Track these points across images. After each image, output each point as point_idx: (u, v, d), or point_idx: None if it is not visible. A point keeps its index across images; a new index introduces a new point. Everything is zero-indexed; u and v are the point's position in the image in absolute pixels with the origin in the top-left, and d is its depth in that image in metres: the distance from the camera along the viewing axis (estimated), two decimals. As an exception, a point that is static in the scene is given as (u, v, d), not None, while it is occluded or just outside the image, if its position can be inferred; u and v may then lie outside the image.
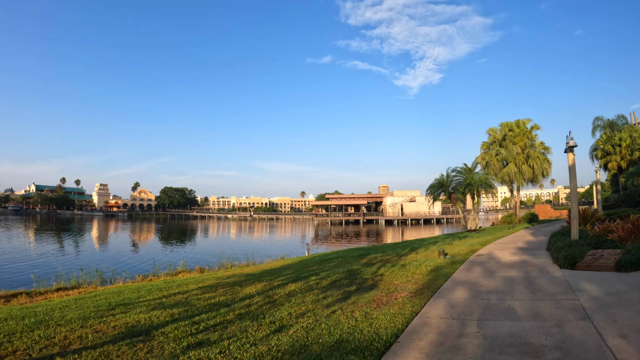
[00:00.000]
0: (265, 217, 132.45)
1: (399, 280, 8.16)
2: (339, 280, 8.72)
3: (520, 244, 13.38)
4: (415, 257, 11.75)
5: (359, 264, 11.55)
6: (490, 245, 13.57)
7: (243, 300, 7.17)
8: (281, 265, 14.86)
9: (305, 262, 14.71)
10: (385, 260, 11.97)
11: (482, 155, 34.70)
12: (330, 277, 9.16)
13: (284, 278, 10.07)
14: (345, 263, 12.25)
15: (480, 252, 11.77)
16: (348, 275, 9.35)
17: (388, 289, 7.38)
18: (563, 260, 8.32)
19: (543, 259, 9.69)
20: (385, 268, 9.89)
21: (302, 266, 13.02)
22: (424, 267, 9.40)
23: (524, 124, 33.39)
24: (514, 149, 31.55)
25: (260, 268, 14.98)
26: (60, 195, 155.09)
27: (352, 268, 10.49)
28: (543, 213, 38.39)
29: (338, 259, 13.75)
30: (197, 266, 19.01)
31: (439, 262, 10.04)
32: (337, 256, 15.54)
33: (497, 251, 11.81)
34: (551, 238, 12.06)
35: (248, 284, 9.41)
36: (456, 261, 10.14)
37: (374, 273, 9.33)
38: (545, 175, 32.11)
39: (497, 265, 9.16)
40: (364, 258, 13.16)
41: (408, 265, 10.10)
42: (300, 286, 8.22)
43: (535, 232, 18.16)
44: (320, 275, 9.72)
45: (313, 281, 8.85)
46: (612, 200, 39.06)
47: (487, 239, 15.83)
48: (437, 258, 11.02)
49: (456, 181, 25.96)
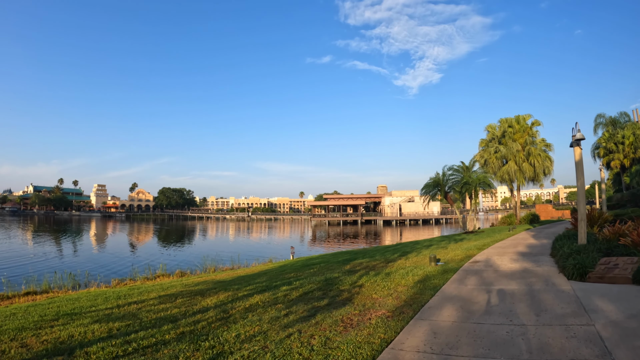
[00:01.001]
0: (263, 217, 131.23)
1: (379, 293, 7.01)
2: (311, 292, 7.60)
3: (521, 248, 12.20)
4: (404, 264, 10.58)
5: (341, 271, 10.40)
6: (488, 250, 12.39)
7: (195, 315, 6.26)
8: (259, 271, 13.84)
9: (284, 267, 13.61)
10: (370, 266, 10.80)
11: (481, 152, 33.25)
12: (304, 287, 8.06)
13: (252, 287, 9.03)
14: (327, 270, 11.11)
15: (477, 258, 10.59)
16: (324, 285, 8.24)
17: (364, 304, 6.24)
18: (571, 269, 7.15)
19: (547, 267, 8.51)
20: (368, 277, 8.74)
21: (280, 273, 11.95)
22: (411, 277, 8.24)
23: (524, 119, 31.91)
24: (514, 146, 30.07)
25: (235, 274, 13.89)
26: (57, 196, 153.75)
27: (331, 276, 9.38)
28: (544, 213, 37.16)
29: (320, 265, 12.64)
30: (178, 270, 17.99)
31: (429, 271, 8.86)
32: (321, 261, 14.42)
33: (496, 257, 10.63)
34: (555, 242, 10.88)
35: (212, 294, 8.43)
36: (449, 269, 8.97)
37: (353, 283, 8.18)
38: (547, 173, 30.66)
39: (494, 275, 7.98)
40: (348, 264, 12.02)
41: (394, 273, 8.93)
42: (265, 298, 7.23)
43: (537, 235, 16.98)
44: (293, 284, 8.64)
45: (282, 292, 7.75)
46: (615, 199, 37.89)
47: (485, 242, 14.64)
48: (428, 265, 9.84)
49: (453, 180, 24.69)
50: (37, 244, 40.50)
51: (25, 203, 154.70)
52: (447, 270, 8.80)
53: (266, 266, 16.68)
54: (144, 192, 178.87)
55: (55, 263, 25.39)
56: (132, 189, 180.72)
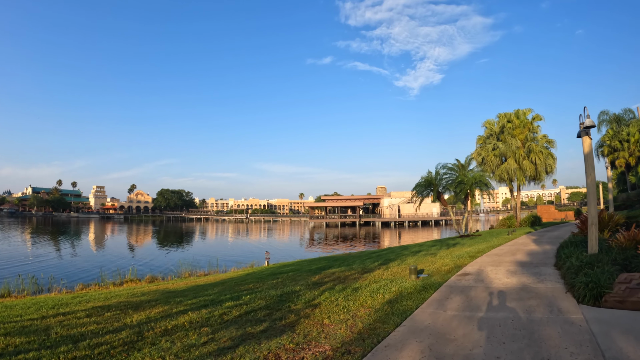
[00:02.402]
0: (262, 219, 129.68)
1: (334, 317, 5.53)
2: (254, 311, 6.18)
3: (521, 256, 10.59)
4: (381, 276, 8.99)
5: (306, 283, 8.90)
6: (482, 258, 10.79)
7: (106, 335, 5.26)
8: (220, 280, 12.40)
9: (249, 276, 12.19)
10: (341, 278, 9.24)
11: (478, 150, 31.35)
12: (250, 304, 6.69)
13: (195, 301, 7.61)
14: (291, 280, 9.63)
15: (468, 269, 8.99)
16: (275, 302, 6.80)
17: (307, 334, 4.81)
18: (583, 290, 5.56)
19: (551, 283, 6.91)
20: (331, 293, 7.20)
21: (240, 282, 10.48)
22: (381, 295, 6.70)
23: (525, 114, 29.78)
24: (514, 143, 27.98)
25: (195, 282, 12.51)
26: (56, 198, 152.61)
27: (290, 290, 7.92)
28: (546, 215, 35.40)
29: (289, 274, 11.16)
30: (149, 275, 17.15)
31: (406, 286, 7.28)
32: (292, 269, 12.98)
33: (490, 267, 9.03)
34: (561, 250, 9.27)
35: (146, 308, 7.27)
36: (430, 285, 7.37)
37: (309, 301, 6.70)
38: (550, 172, 28.53)
39: (485, 295, 6.38)
40: (319, 273, 10.50)
41: (363, 289, 7.37)
42: (197, 317, 5.98)
43: (538, 239, 15.35)
44: (240, 300, 7.21)
45: (222, 310, 6.38)
46: (621, 199, 36.22)
47: (480, 248, 13.03)
48: (407, 278, 8.25)
49: (447, 179, 23.06)
50: (23, 245, 39.47)
51: (24, 204, 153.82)
52: (427, 287, 7.21)
53: (235, 273, 15.34)
54: (142, 194, 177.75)
55: (32, 266, 24.46)
56: (131, 191, 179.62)
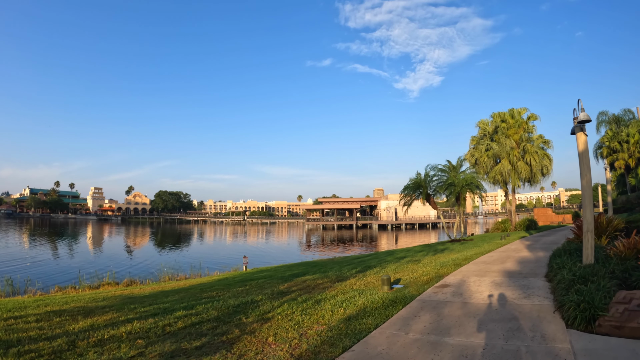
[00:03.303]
0: (259, 221, 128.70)
1: (281, 335, 4.79)
2: (201, 324, 5.55)
3: (510, 265, 9.70)
4: (352, 285, 8.13)
5: (272, 291, 8.13)
6: (468, 266, 9.89)
7: (38, 342, 4.81)
8: (189, 285, 11.61)
9: (217, 283, 11.40)
10: (311, 286, 8.44)
11: (471, 151, 30.15)
12: (201, 315, 6.09)
13: (148, 309, 7.00)
14: (258, 288, 8.85)
15: (449, 280, 8.10)
16: (229, 313, 6.19)
17: (240, 355, 4.18)
18: (573, 310, 4.67)
19: (539, 299, 6.01)
20: (291, 305, 6.45)
21: (204, 289, 9.72)
22: (342, 310, 5.89)
23: (519, 114, 28.63)
24: (508, 143, 26.74)
25: (161, 288, 11.77)
26: (53, 199, 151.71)
27: (251, 299, 7.22)
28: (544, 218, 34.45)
29: (259, 281, 10.38)
30: (127, 278, 16.80)
31: (374, 299, 6.42)
32: (265, 275, 12.18)
33: (474, 278, 8.14)
34: (553, 259, 8.37)
35: (98, 314, 6.68)
36: (402, 298, 6.49)
37: (264, 314, 6.00)
38: (546, 173, 27.44)
39: (460, 313, 5.48)
40: (289, 281, 9.74)
41: (326, 302, 6.56)
42: (140, 327, 5.45)
43: (532, 245, 14.45)
44: (193, 309, 6.57)
45: (170, 319, 5.84)
46: (620, 202, 35.31)
47: (468, 255, 12.13)
48: (379, 289, 7.38)
49: (437, 181, 22.09)
50: (13, 247, 39.33)
51: (22, 205, 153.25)
52: (398, 300, 6.33)
53: (210, 278, 14.60)
54: (140, 195, 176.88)
55: (16, 267, 24.40)
56: (129, 192, 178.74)
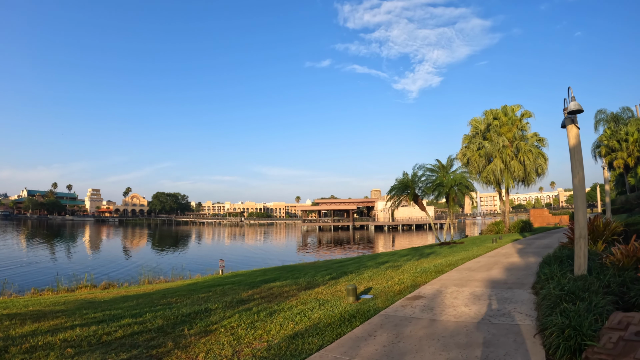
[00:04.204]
0: (257, 222, 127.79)
1: (214, 352, 4.37)
2: (140, 334, 5.15)
3: (496, 272, 8.80)
4: (318, 295, 7.30)
5: (232, 299, 7.57)
6: (450, 273, 8.99)
7: None
8: (155, 290, 11.27)
9: (185, 287, 10.99)
10: (274, 294, 7.76)
11: (463, 150, 29.01)
12: (146, 324, 5.69)
13: (98, 315, 6.73)
14: (220, 295, 8.37)
15: (424, 290, 7.20)
16: (176, 322, 5.75)
17: None
18: (556, 337, 3.75)
19: (521, 317, 5.10)
20: (241, 316, 6.00)
21: (167, 294, 9.43)
22: (293, 324, 5.23)
23: (513, 111, 27.42)
24: (500, 141, 25.52)
25: (125, 292, 11.48)
26: (51, 200, 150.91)
27: (205, 308, 6.71)
28: (540, 219, 33.48)
29: (227, 286, 9.91)
30: (105, 281, 16.54)
31: (333, 313, 5.59)
32: (235, 280, 11.57)
33: (453, 288, 7.25)
34: (542, 268, 7.47)
35: (48, 319, 6.54)
36: (364, 312, 5.59)
37: (209, 325, 5.49)
38: (541, 173, 26.32)
39: (423, 334, 4.58)
40: (257, 287, 9.20)
41: (281, 313, 5.95)
42: (79, 334, 5.21)
43: (524, 249, 13.54)
44: (141, 317, 6.23)
45: (112, 327, 5.50)
46: (620, 202, 34.40)
47: (452, 260, 11.22)
48: (344, 299, 6.54)
49: (425, 181, 21.19)
50: (3, 248, 39.44)
51: (19, 207, 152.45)
52: (358, 315, 5.47)
53: (182, 282, 14.20)
54: (138, 197, 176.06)
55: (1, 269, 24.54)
56: (126, 194, 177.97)
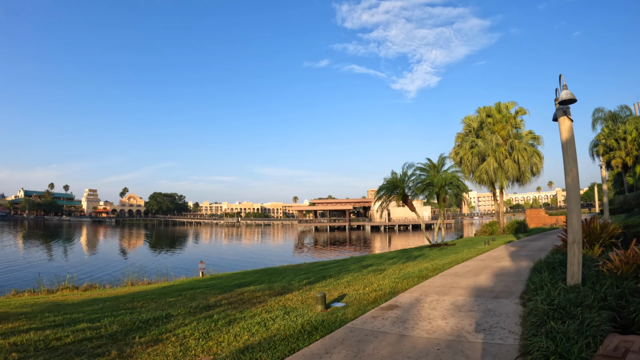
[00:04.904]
0: (253, 223, 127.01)
1: None
2: (90, 340, 4.86)
3: (483, 278, 8.09)
4: (287, 301, 6.78)
5: (198, 304, 7.32)
6: (433, 279, 8.28)
7: None
8: (126, 293, 11.09)
9: (158, 290, 10.73)
10: (243, 300, 7.35)
11: (455, 149, 28.21)
12: (99, 330, 5.39)
13: (59, 319, 6.49)
14: (189, 299, 8.14)
15: (401, 299, 6.48)
16: (129, 330, 5.40)
17: None
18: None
19: (502, 333, 4.37)
20: (201, 323, 5.52)
21: (137, 297, 9.14)
22: (249, 334, 4.79)
23: (507, 108, 26.64)
24: (494, 139, 24.76)
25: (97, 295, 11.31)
26: (48, 201, 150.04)
27: (167, 314, 6.45)
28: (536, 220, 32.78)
29: (199, 290, 9.69)
30: (86, 283, 16.32)
31: (294, 324, 4.96)
32: (209, 284, 11.19)
33: (433, 297, 6.54)
34: (532, 275, 6.77)
35: (10, 321, 6.39)
36: (329, 323, 4.92)
37: (162, 334, 5.11)
38: (536, 172, 25.53)
39: (386, 353, 3.88)
40: (229, 292, 8.75)
41: (242, 322, 5.42)
42: (29, 338, 4.90)
43: (517, 251, 12.84)
44: (100, 322, 5.92)
45: (66, 332, 5.28)
46: (618, 202, 33.78)
47: (439, 264, 10.51)
48: (313, 308, 5.92)
49: (415, 181, 20.45)
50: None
51: (16, 208, 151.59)
52: (322, 326, 4.86)
53: (158, 285, 13.97)
54: (135, 197, 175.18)
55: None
56: (123, 194, 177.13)
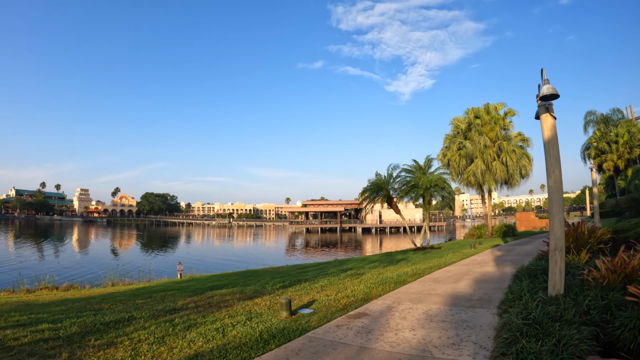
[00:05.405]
0: (245, 224, 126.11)
1: None
2: (46, 341, 4.65)
3: (463, 285, 7.52)
4: (255, 305, 6.43)
5: (164, 307, 7.11)
6: (410, 285, 7.71)
7: None
8: (99, 294, 10.99)
9: (132, 291, 10.53)
10: (211, 304, 7.07)
11: (443, 150, 27.79)
12: (59, 331, 5.15)
13: (24, 319, 6.32)
14: (158, 302, 7.97)
15: (372, 306, 5.89)
16: (88, 331, 5.27)
17: None
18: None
19: (471, 349, 3.76)
20: (160, 327, 5.29)
21: (107, 298, 9.06)
22: (203, 341, 4.60)
23: (496, 109, 26.22)
24: (482, 141, 24.30)
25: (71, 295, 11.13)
26: (39, 200, 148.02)
27: (129, 316, 6.23)
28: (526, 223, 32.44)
29: (170, 292, 9.57)
30: (66, 283, 16.13)
31: (252, 331, 4.60)
32: (183, 286, 11.09)
33: (406, 304, 5.96)
34: (513, 283, 6.23)
35: None
36: (290, 331, 4.50)
37: (117, 337, 4.89)
38: (525, 174, 25.17)
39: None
40: (200, 294, 8.56)
41: (198, 327, 5.05)
42: None
43: (503, 256, 12.34)
44: (61, 323, 5.72)
45: (25, 332, 5.03)
46: (609, 205, 33.58)
47: (420, 269, 9.95)
48: (278, 313, 5.42)
49: (400, 182, 19.99)
50: None
51: (7, 207, 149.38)
52: (281, 335, 4.50)
53: (136, 285, 13.85)
54: (127, 197, 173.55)
55: None
56: (115, 194, 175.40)
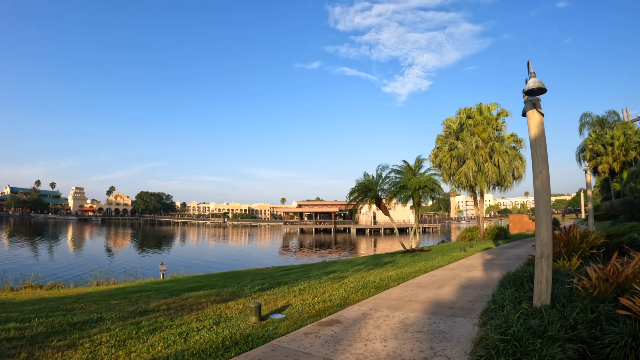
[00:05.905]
0: (240, 224, 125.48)
1: None
2: (10, 340, 4.53)
3: (446, 291, 7.08)
4: (227, 309, 6.17)
5: (136, 309, 6.66)
6: (391, 290, 7.26)
7: None
8: (75, 294, 10.63)
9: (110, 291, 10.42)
10: (184, 306, 6.88)
11: (435, 151, 27.38)
12: (24, 331, 5.05)
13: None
14: (132, 303, 7.78)
15: (347, 312, 5.44)
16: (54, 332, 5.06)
17: None
18: None
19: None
20: (125, 330, 5.06)
21: (82, 299, 8.79)
22: (163, 347, 4.25)
23: (489, 110, 25.74)
24: (473, 141, 23.90)
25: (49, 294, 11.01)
26: (34, 198, 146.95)
27: (98, 317, 6.05)
28: (519, 225, 32.11)
29: (146, 293, 9.18)
30: (50, 282, 15.96)
31: (215, 337, 4.37)
32: (162, 287, 10.76)
33: (383, 311, 5.51)
34: (497, 293, 5.79)
35: None
36: (254, 338, 4.35)
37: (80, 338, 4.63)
38: (517, 176, 24.77)
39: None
40: (175, 296, 8.34)
41: (163, 331, 4.93)
42: None
43: (492, 260, 11.92)
44: (29, 322, 5.62)
45: None
46: (604, 208, 33.32)
47: (405, 273, 9.50)
48: (247, 318, 5.17)
49: (390, 183, 19.61)
50: None
51: (1, 204, 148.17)
52: (242, 342, 4.32)
53: (115, 286, 13.78)
54: (121, 196, 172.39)
55: None
56: (110, 193, 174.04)
